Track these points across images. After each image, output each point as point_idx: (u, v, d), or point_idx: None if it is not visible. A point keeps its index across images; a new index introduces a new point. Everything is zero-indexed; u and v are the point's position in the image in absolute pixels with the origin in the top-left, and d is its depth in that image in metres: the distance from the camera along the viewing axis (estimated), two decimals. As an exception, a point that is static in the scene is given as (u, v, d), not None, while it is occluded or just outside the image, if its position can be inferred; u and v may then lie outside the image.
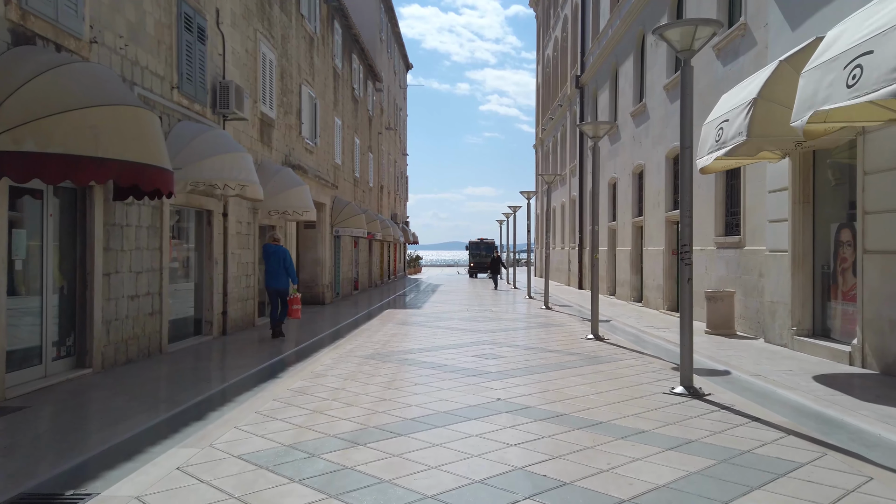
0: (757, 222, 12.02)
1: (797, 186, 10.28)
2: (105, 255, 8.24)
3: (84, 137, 6.09)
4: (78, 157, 6.02)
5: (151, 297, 9.41)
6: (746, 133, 8.56)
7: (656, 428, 5.53)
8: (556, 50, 36.19)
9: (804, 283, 10.20)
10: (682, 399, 6.70)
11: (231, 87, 11.52)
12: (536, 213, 41.87)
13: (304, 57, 17.85)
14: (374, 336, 12.01)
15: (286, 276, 11.66)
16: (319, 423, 5.69)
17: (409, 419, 5.80)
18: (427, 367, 8.54)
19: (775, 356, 9.61)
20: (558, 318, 15.54)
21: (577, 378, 7.83)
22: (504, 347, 10.50)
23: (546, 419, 5.80)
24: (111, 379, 7.71)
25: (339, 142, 22.46)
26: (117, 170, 6.32)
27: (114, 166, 6.26)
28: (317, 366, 8.73)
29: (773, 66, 8.71)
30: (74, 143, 6.03)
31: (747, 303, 12.28)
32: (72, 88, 6.22)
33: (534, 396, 6.76)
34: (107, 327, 8.27)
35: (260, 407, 6.28)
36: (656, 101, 18.00)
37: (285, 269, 11.64)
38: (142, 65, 9.10)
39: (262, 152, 14.32)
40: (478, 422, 5.70)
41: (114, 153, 6.31)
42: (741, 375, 8.11)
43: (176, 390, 7.21)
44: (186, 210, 11.19)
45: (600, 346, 10.67)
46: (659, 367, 8.67)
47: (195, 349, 10.36)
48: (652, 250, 18.09)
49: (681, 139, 7.02)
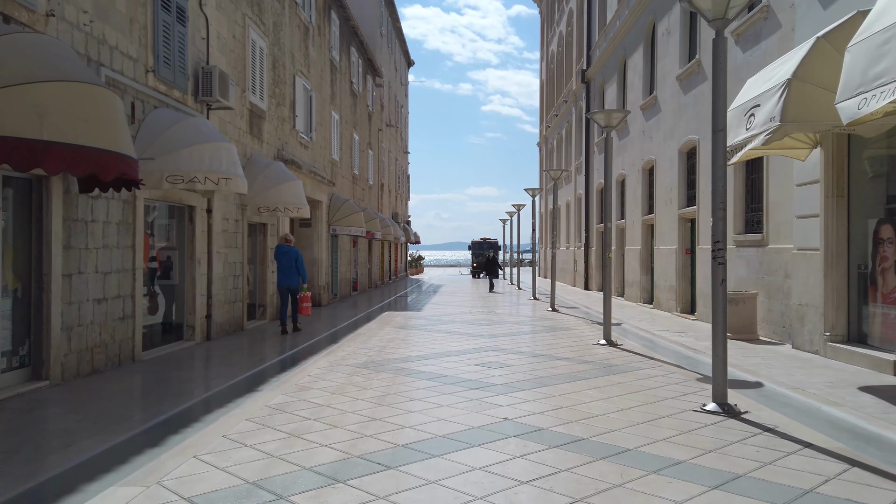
0: (782, 218, 11.14)
1: (830, 178, 9.39)
2: (66, 253, 7.40)
3: (24, 117, 5.25)
4: (16, 139, 5.18)
5: (122, 300, 8.56)
6: (780, 117, 7.69)
7: (694, 458, 4.66)
8: (560, 45, 35.31)
9: (838, 284, 9.32)
10: (715, 418, 5.83)
11: (214, 73, 10.68)
12: (540, 213, 41.01)
13: (299, 47, 17.00)
14: (369, 341, 11.16)
15: (297, 275, 12.28)
16: (295, 450, 4.83)
17: (400, 446, 4.94)
18: (425, 379, 7.68)
19: (808, 365, 8.73)
20: (566, 321, 14.66)
21: (593, 392, 6.96)
22: (510, 354, 9.63)
23: (562, 446, 4.94)
24: (69, 393, 6.86)
25: (337, 137, 21.61)
26: (67, 156, 5.47)
27: (62, 151, 5.41)
28: (302, 376, 7.88)
29: (810, 43, 7.83)
30: (12, 123, 5.18)
31: (771, 305, 11.39)
32: (10, 61, 5.37)
33: (546, 415, 5.90)
34: (67, 334, 7.42)
35: (229, 429, 5.42)
36: (668, 92, 17.12)
37: (297, 269, 12.29)
38: (110, 44, 8.26)
39: (252, 145, 13.47)
40: (482, 450, 4.84)
41: (63, 136, 5.47)
42: (776, 388, 7.24)
43: (138, 407, 6.36)
44: (166, 205, 10.35)
45: (614, 353, 9.80)
46: (682, 378, 7.80)
47: (173, 357, 9.51)
48: (663, 249, 17.21)
49: (713, 121, 6.15)
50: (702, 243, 14.66)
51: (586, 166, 27.52)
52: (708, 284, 14.15)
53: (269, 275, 14.56)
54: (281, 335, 11.96)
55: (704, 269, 14.41)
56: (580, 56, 29.09)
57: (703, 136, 14.65)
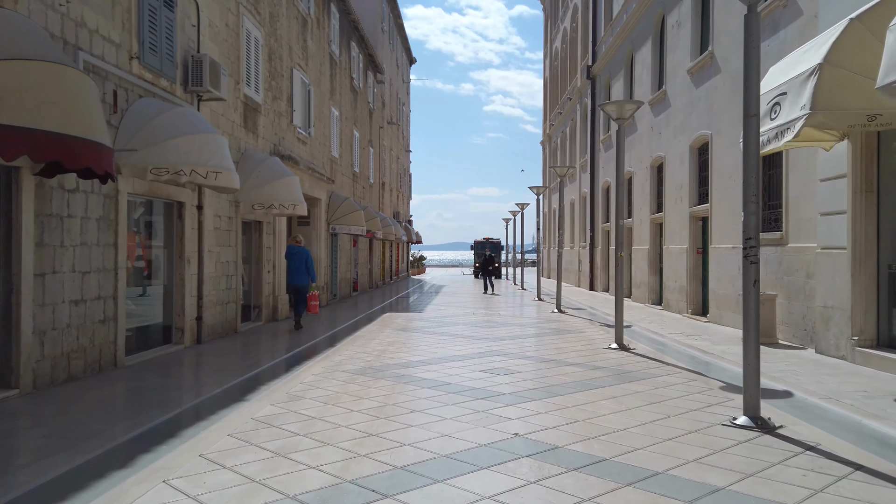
0: (802, 216, 10.56)
1: (859, 173, 8.81)
2: (38, 251, 6.83)
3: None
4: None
5: (103, 302, 8.00)
6: (811, 105, 7.12)
7: (733, 483, 4.09)
8: (564, 42, 34.72)
9: (867, 285, 8.74)
10: (748, 434, 5.26)
11: (205, 62, 10.11)
12: (544, 212, 40.42)
13: (297, 39, 16.43)
14: (368, 344, 10.59)
15: (307, 274, 12.75)
16: (279, 473, 4.27)
17: (399, 468, 4.37)
18: (427, 387, 7.11)
19: (837, 371, 8.15)
20: (573, 323, 14.09)
21: (610, 402, 6.39)
22: (516, 360, 9.06)
23: (582, 468, 4.36)
24: (38, 404, 6.30)
25: (337, 133, 21.04)
26: (26, 141, 4.91)
27: (19, 136, 4.86)
28: (295, 384, 7.31)
29: (842, 24, 7.25)
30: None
31: (791, 307, 10.81)
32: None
33: (560, 430, 5.33)
34: (40, 338, 6.86)
35: (208, 447, 4.85)
36: (678, 87, 16.54)
37: (306, 269, 12.74)
38: (90, 27, 7.70)
39: (247, 139, 12.91)
40: (491, 473, 4.27)
41: (22, 120, 4.91)
42: (807, 398, 6.67)
43: (112, 420, 5.79)
44: (154, 201, 9.80)
45: (627, 358, 9.23)
46: (703, 387, 7.23)
47: (160, 362, 8.95)
48: (673, 249, 16.63)
49: (745, 106, 5.58)
50: (714, 242, 14.08)
51: (591, 164, 26.94)
52: (721, 285, 13.57)
53: (264, 275, 14.00)
54: (295, 331, 12.55)
55: (717, 270, 13.84)
56: (585, 52, 28.50)
57: (715, 130, 14.08)
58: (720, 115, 13.86)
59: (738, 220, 12.87)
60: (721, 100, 13.85)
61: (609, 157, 24.10)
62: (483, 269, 27.50)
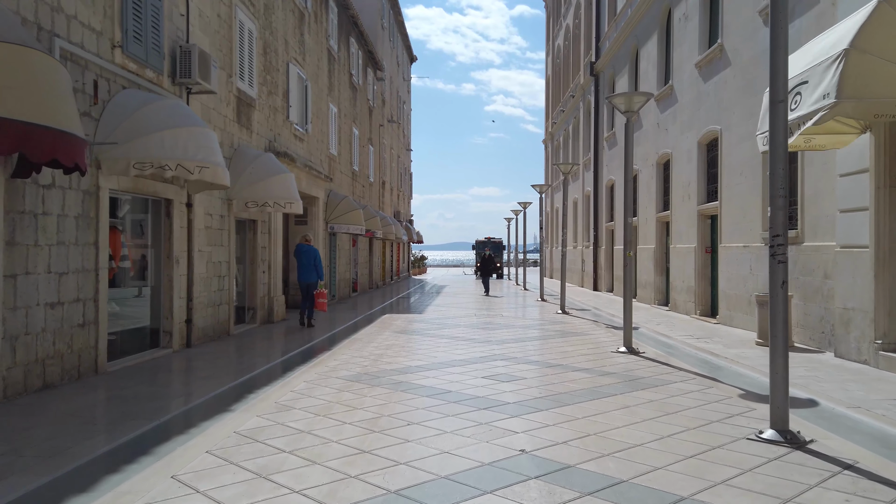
0: (819, 213, 10.09)
1: (882, 167, 8.34)
2: (9, 251, 6.38)
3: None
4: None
5: (82, 304, 7.54)
6: (836, 94, 6.65)
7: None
8: (567, 39, 34.24)
9: (891, 285, 8.27)
10: (778, 450, 4.79)
11: (194, 52, 9.65)
12: (546, 211, 39.92)
13: (293, 33, 15.97)
14: (365, 348, 10.13)
15: (315, 272, 13.19)
16: (258, 500, 3.80)
17: (392, 492, 3.91)
18: (426, 396, 6.65)
19: (861, 377, 7.68)
20: (578, 325, 13.62)
21: (622, 413, 5.92)
22: (520, 364, 8.60)
23: (598, 492, 3.90)
24: (4, 415, 5.83)
25: (335, 131, 20.58)
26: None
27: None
28: (285, 392, 6.85)
29: (870, 6, 6.80)
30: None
31: (807, 309, 10.34)
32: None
33: (571, 446, 4.86)
34: (11, 344, 6.40)
35: (182, 466, 4.39)
36: (686, 82, 16.06)
37: (314, 267, 13.19)
38: (67, 12, 7.24)
39: (240, 135, 12.45)
40: (495, 498, 3.81)
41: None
42: (834, 407, 6.20)
43: (81, 434, 5.30)
44: (140, 198, 9.34)
45: (637, 363, 8.76)
46: (722, 395, 6.76)
47: (144, 367, 8.49)
48: (681, 248, 16.16)
49: (771, 91, 5.11)
50: (724, 241, 13.61)
51: (595, 162, 26.45)
52: (731, 285, 13.11)
53: (259, 275, 13.55)
54: (302, 328, 12.97)
55: (727, 269, 13.37)
56: (588, 48, 28.03)
57: (725, 125, 13.61)
58: (730, 109, 13.38)
59: (750, 218, 12.42)
60: (731, 94, 13.38)
61: (613, 154, 23.62)
62: (483, 270, 26.28)
